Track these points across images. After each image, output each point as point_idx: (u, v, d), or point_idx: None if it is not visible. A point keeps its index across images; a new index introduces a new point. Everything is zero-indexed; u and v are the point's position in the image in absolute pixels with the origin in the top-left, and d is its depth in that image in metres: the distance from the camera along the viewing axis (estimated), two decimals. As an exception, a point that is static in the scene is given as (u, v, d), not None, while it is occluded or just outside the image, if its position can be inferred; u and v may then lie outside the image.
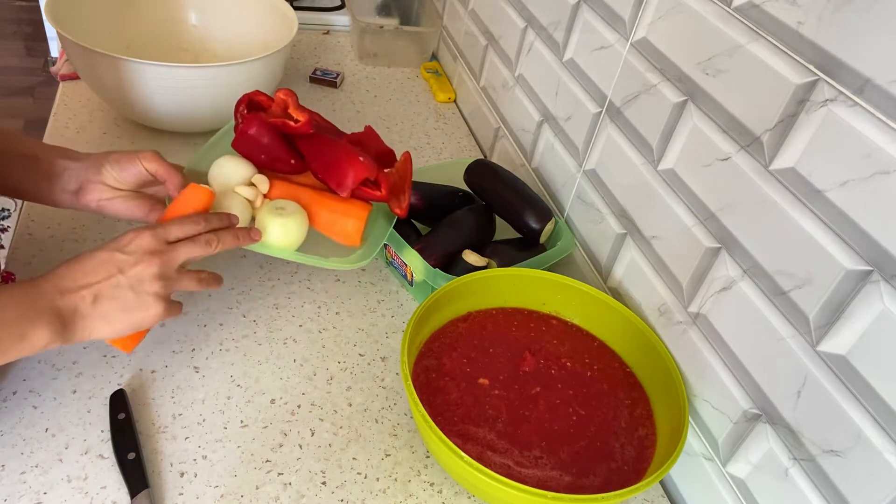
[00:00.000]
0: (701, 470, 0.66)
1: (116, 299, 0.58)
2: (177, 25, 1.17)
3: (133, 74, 0.90)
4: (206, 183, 0.73)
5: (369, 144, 0.80)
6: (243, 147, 0.73)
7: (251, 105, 0.75)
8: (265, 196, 0.73)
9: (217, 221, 0.66)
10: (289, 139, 0.74)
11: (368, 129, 0.81)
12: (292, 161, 0.74)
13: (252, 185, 0.72)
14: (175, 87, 0.93)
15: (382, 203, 0.79)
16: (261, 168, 0.75)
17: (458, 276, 0.74)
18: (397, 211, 0.77)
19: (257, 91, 0.77)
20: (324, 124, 0.79)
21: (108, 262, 0.58)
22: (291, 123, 0.72)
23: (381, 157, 0.80)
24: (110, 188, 0.72)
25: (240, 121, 0.74)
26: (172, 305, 0.62)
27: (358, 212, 0.74)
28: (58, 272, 0.57)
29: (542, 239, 0.86)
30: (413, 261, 0.79)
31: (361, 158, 0.72)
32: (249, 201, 0.72)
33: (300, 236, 0.72)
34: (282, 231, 0.70)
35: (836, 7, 0.50)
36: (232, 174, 0.72)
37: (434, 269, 0.77)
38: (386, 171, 0.78)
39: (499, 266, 0.80)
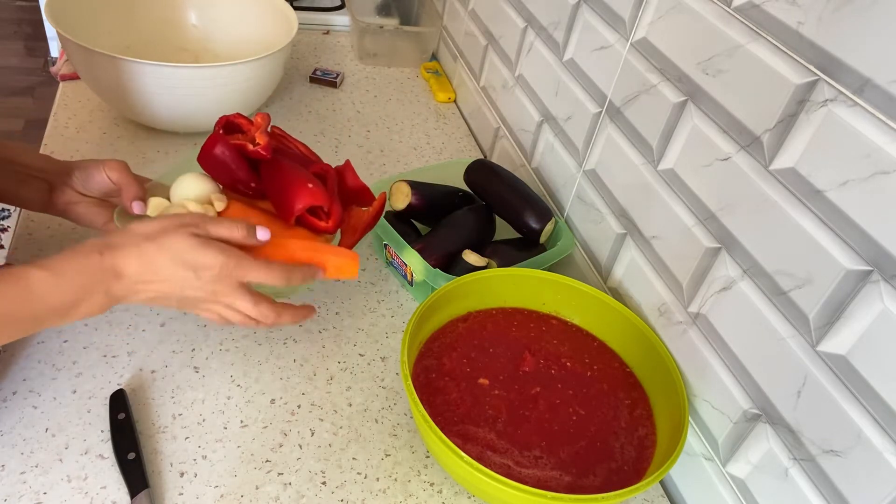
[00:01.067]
0: (701, 470, 0.66)
1: (166, 303, 0.60)
2: (177, 25, 1.17)
3: (133, 74, 0.90)
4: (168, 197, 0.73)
5: (344, 177, 0.77)
6: (207, 165, 0.72)
7: (228, 127, 0.74)
8: (220, 216, 0.71)
9: (300, 277, 0.64)
10: (253, 163, 0.73)
11: (347, 163, 0.79)
12: (252, 184, 0.73)
13: (210, 203, 0.71)
14: (175, 87, 0.93)
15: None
16: (226, 189, 0.74)
17: (458, 276, 0.74)
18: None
19: (238, 114, 0.76)
20: (298, 153, 0.79)
21: (180, 280, 0.58)
22: (250, 146, 0.71)
23: (354, 192, 0.78)
24: (77, 193, 0.73)
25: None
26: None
27: (297, 243, 0.68)
28: (127, 260, 0.56)
29: (542, 239, 0.86)
30: (413, 261, 0.79)
31: (310, 185, 0.69)
32: (210, 206, 0.71)
33: None
34: None
35: (836, 7, 0.50)
36: (190, 190, 0.71)
37: (434, 269, 0.77)
38: (364, 209, 0.78)
39: (499, 266, 0.81)
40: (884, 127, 0.46)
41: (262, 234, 0.63)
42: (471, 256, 0.80)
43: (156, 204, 0.72)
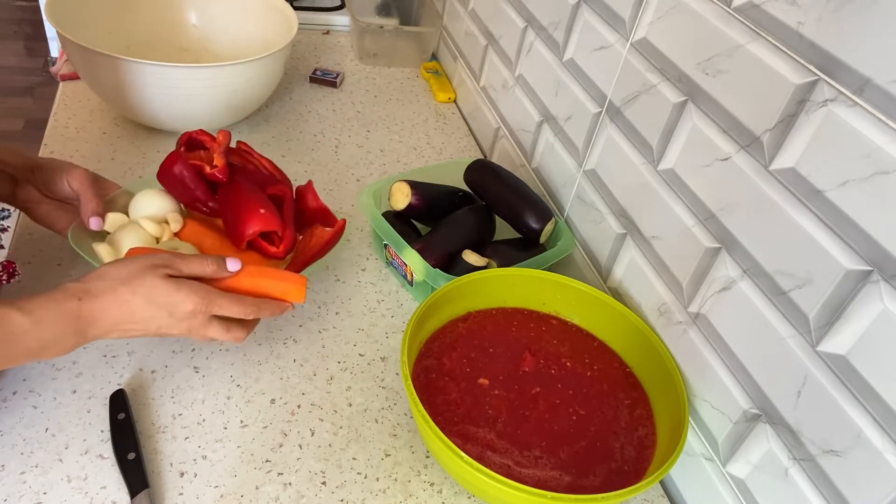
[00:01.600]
0: (701, 470, 0.66)
1: (142, 336, 0.61)
2: (177, 25, 1.17)
3: (133, 74, 0.90)
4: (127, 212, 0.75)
5: (305, 198, 0.77)
6: (166, 182, 0.74)
7: (190, 144, 0.75)
8: (177, 235, 0.74)
9: (269, 311, 0.65)
10: (211, 182, 0.74)
11: (309, 184, 0.79)
12: (210, 203, 0.74)
13: (166, 221, 0.73)
14: (175, 87, 0.93)
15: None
16: (185, 205, 0.75)
17: (458, 276, 0.74)
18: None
19: (201, 130, 0.76)
20: (265, 172, 0.79)
21: (155, 320, 0.59)
22: (207, 168, 0.72)
23: (314, 213, 0.78)
24: (39, 193, 0.73)
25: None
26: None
27: (246, 267, 0.66)
28: (104, 306, 0.57)
29: (542, 239, 0.86)
30: (413, 261, 0.79)
31: (262, 210, 0.70)
32: (155, 237, 0.73)
33: None
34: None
35: (836, 7, 0.50)
36: (149, 207, 0.73)
37: (434, 269, 0.77)
38: (324, 229, 0.77)
39: (499, 266, 0.81)
40: (884, 127, 0.46)
41: (233, 265, 0.64)
42: (471, 256, 0.80)
43: (113, 220, 0.73)
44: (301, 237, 0.77)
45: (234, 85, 0.97)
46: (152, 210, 0.73)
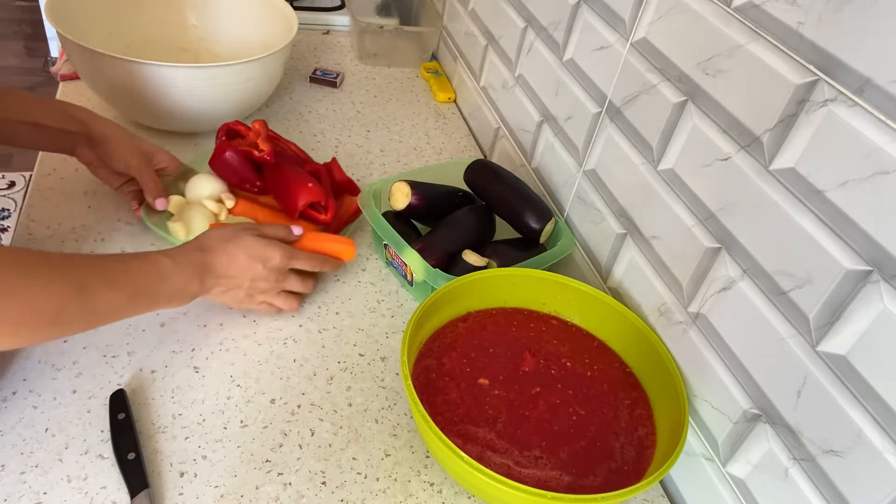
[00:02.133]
0: (701, 470, 0.66)
1: (235, 296, 0.73)
2: (177, 25, 1.17)
3: (133, 74, 0.90)
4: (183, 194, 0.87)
5: (332, 172, 0.90)
6: (218, 168, 0.86)
7: (229, 133, 0.87)
8: (230, 212, 0.86)
9: (331, 266, 0.81)
10: (256, 165, 0.86)
11: (334, 160, 0.92)
12: (258, 184, 0.86)
13: (220, 200, 0.86)
14: (175, 87, 0.93)
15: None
16: (233, 187, 0.88)
17: (459, 275, 0.74)
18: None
19: (237, 121, 0.89)
20: (291, 153, 0.93)
21: (251, 271, 0.72)
22: (256, 153, 0.84)
23: (341, 185, 0.91)
24: (98, 158, 0.82)
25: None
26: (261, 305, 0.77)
27: (307, 235, 0.80)
28: (219, 258, 0.69)
29: (542, 239, 0.86)
30: (413, 261, 0.79)
31: (310, 184, 0.82)
32: (215, 214, 0.85)
33: None
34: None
35: (836, 7, 0.50)
36: (204, 189, 0.86)
37: (434, 269, 0.77)
38: (353, 198, 0.91)
39: (499, 266, 0.80)
40: (884, 127, 0.46)
41: (297, 230, 0.78)
42: (471, 256, 0.80)
43: (175, 202, 0.85)
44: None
45: (234, 85, 0.97)
46: (208, 191, 0.85)
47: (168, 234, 0.82)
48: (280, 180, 0.83)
